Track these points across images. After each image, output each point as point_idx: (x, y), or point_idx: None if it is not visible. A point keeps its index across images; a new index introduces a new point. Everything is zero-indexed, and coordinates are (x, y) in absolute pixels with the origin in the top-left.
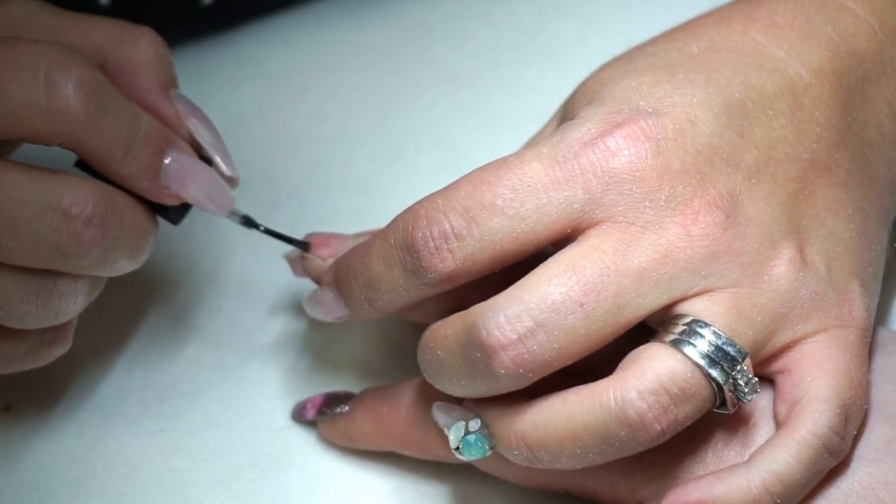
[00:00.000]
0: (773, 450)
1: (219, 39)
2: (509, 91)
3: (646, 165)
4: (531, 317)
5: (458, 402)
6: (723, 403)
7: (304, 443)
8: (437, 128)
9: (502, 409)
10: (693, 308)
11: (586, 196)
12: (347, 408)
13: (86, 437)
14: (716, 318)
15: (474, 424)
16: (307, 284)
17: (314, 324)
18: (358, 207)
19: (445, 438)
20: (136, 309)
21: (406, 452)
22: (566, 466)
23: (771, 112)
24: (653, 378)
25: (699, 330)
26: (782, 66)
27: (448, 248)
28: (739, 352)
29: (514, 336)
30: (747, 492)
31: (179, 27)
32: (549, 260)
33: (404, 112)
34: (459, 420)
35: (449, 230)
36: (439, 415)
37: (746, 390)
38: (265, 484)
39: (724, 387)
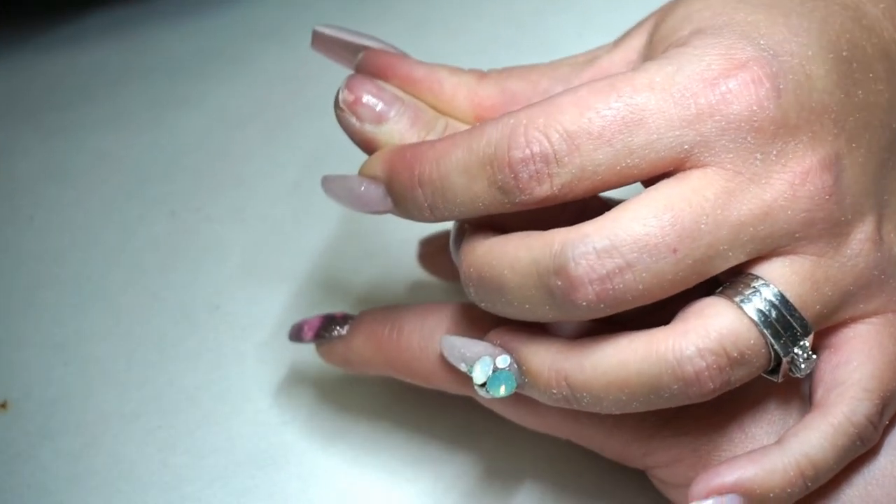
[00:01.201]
0: (807, 433)
1: (217, 36)
2: None
3: (765, 116)
4: (622, 254)
5: (476, 334)
6: (773, 371)
7: (301, 439)
8: None
9: (543, 347)
10: (771, 272)
11: (698, 138)
12: (345, 330)
13: (83, 434)
14: (790, 286)
15: (503, 361)
16: (306, 285)
17: None
18: None
19: (451, 369)
20: (133, 307)
21: (405, 379)
22: (603, 410)
23: (871, 75)
24: (716, 338)
25: (771, 297)
26: (878, 27)
27: (547, 173)
28: (805, 326)
29: (603, 272)
30: (782, 475)
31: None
32: (645, 195)
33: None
34: (485, 356)
35: (550, 155)
36: (457, 349)
37: (803, 366)
38: (263, 481)
39: (784, 358)
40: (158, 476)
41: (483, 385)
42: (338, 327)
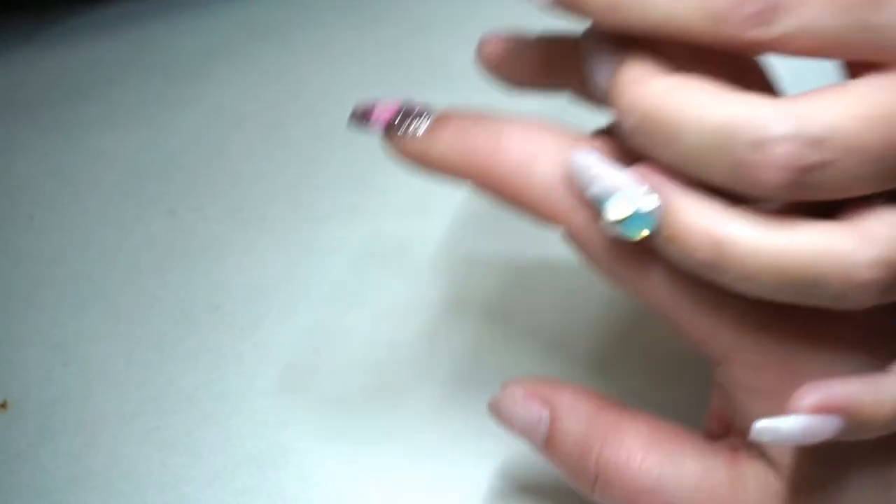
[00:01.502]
0: None
1: (215, 37)
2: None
3: None
4: (828, 150)
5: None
6: None
7: (301, 439)
8: None
9: (704, 204)
10: None
11: None
12: (425, 127)
13: (82, 434)
14: None
15: (651, 202)
16: (303, 285)
17: (312, 322)
18: (354, 204)
19: (560, 193)
20: (132, 307)
21: (490, 194)
22: (742, 290)
23: None
24: None
25: None
26: None
27: (768, 18)
28: None
29: (806, 162)
30: (890, 407)
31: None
32: (864, 92)
33: None
34: (628, 190)
35: (781, 0)
36: (590, 171)
37: None
38: (262, 481)
39: None
40: (157, 476)
41: (618, 222)
42: (416, 122)
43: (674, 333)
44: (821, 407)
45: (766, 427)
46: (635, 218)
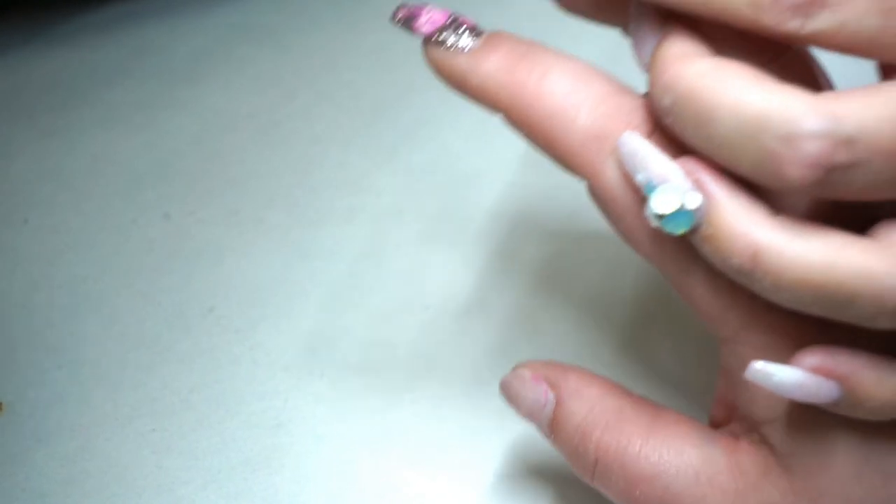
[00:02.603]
0: None
1: (211, 39)
2: None
3: None
4: (858, 150)
5: (663, 149)
6: None
7: (296, 442)
8: (430, 127)
9: (746, 208)
10: None
11: None
12: (475, 44)
13: (78, 437)
14: None
15: (694, 201)
16: (299, 287)
17: (308, 324)
18: (350, 207)
19: (594, 149)
20: (128, 309)
21: (522, 131)
22: (774, 298)
23: None
24: None
25: None
26: None
27: (807, 12)
28: None
29: (835, 161)
30: (889, 393)
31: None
32: (892, 96)
33: (397, 111)
34: (674, 184)
35: None
36: (640, 155)
37: None
38: (257, 483)
39: None
40: (153, 478)
41: (661, 216)
42: (464, 36)
43: (685, 303)
44: (821, 369)
45: (762, 370)
46: (679, 214)
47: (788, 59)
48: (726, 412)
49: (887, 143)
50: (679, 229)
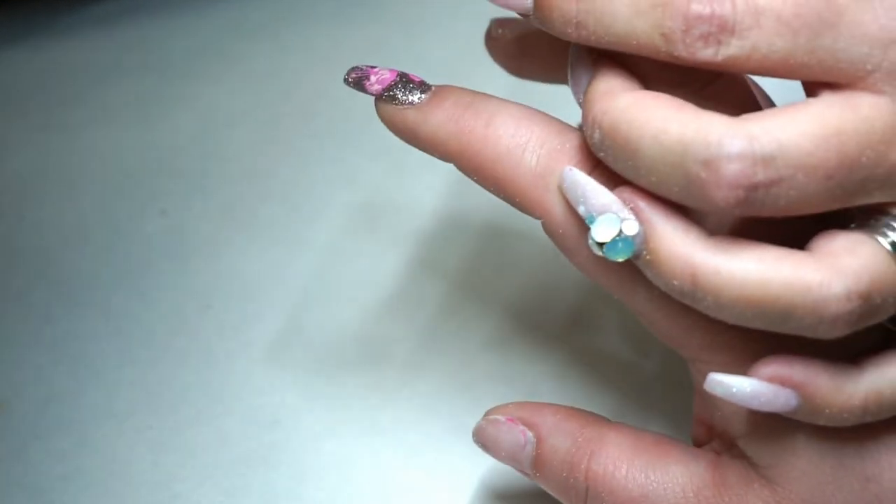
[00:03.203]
0: (888, 368)
1: (207, 36)
2: (498, 88)
3: None
4: (778, 167)
5: (604, 182)
6: (894, 321)
7: (293, 438)
8: None
9: (680, 233)
10: None
11: (885, 64)
12: (422, 99)
13: (74, 433)
14: None
15: (631, 228)
16: (295, 284)
17: (304, 321)
18: (347, 203)
19: (540, 188)
20: (124, 306)
21: (473, 177)
22: (719, 317)
23: None
24: (867, 283)
25: None
26: None
27: (718, 39)
28: None
29: (755, 180)
30: (847, 398)
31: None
32: (814, 110)
33: None
34: (612, 214)
35: (730, 22)
36: (581, 188)
37: None
38: (253, 480)
39: None
40: (149, 475)
41: (601, 244)
42: (413, 93)
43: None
44: (777, 378)
45: (720, 381)
46: (618, 241)
47: (721, 85)
48: (706, 430)
49: (807, 158)
50: (620, 256)
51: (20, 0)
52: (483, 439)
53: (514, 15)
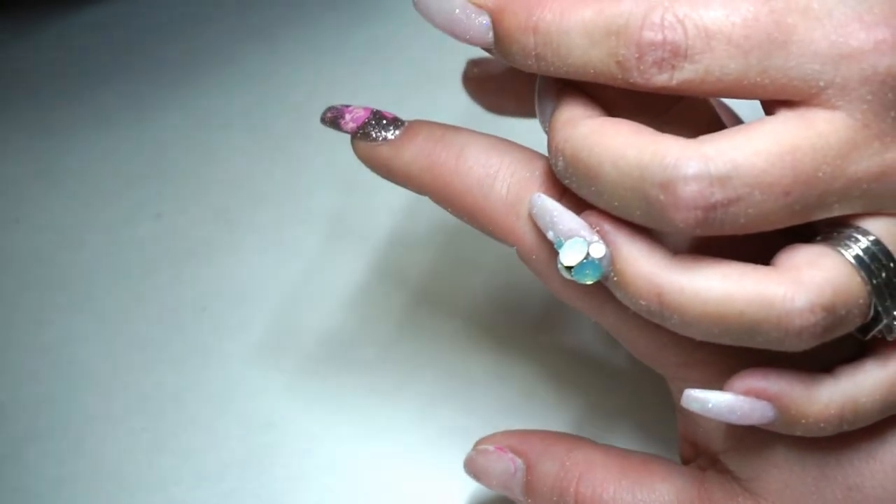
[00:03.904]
0: (862, 376)
1: (202, 39)
2: None
3: None
4: (735, 187)
5: (572, 207)
6: (861, 330)
7: (288, 441)
8: None
9: (645, 254)
10: (877, 228)
11: (838, 80)
12: (395, 135)
13: (69, 436)
14: None
15: (598, 251)
16: (291, 287)
17: (300, 323)
18: (341, 206)
19: (510, 217)
20: (119, 309)
21: (447, 209)
22: (688, 334)
23: None
24: (830, 295)
25: (881, 256)
26: None
27: (672, 64)
28: None
29: (712, 200)
30: (823, 408)
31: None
32: (769, 128)
33: (389, 110)
34: (580, 238)
35: (682, 48)
36: (549, 214)
37: None
38: (249, 482)
39: (884, 321)
40: (144, 477)
41: (569, 268)
42: (387, 129)
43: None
44: (752, 390)
45: (696, 397)
46: (585, 265)
47: (685, 106)
48: (692, 448)
49: (763, 176)
50: (588, 279)
51: (14, 2)
52: (474, 469)
53: (485, 53)
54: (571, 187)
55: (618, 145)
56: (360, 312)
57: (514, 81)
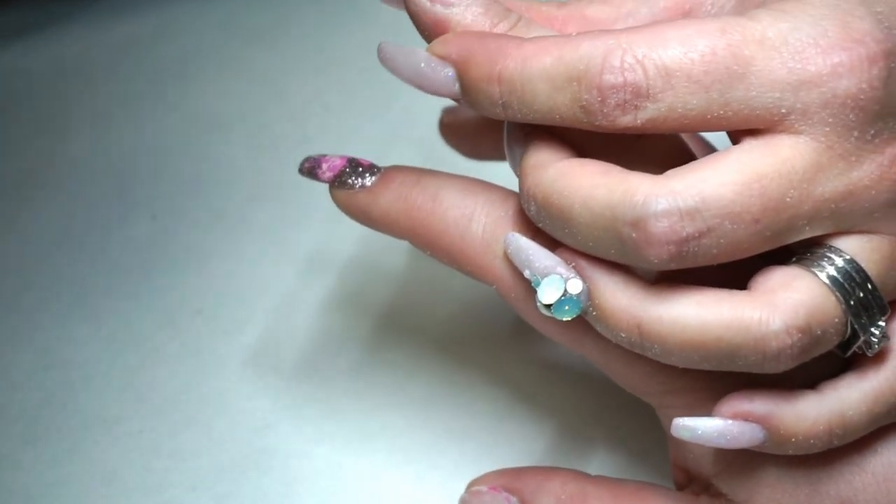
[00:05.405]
0: (847, 391)
1: (199, 39)
2: None
3: (872, 96)
4: (704, 219)
5: (547, 243)
6: (841, 347)
7: (284, 443)
8: (418, 128)
9: (621, 287)
10: (850, 246)
11: (798, 105)
12: (371, 182)
13: (65, 439)
14: (871, 264)
15: (575, 287)
16: (287, 289)
17: (296, 326)
18: (338, 209)
19: (486, 257)
20: (115, 311)
21: (426, 252)
22: (669, 363)
23: None
24: (805, 316)
25: (855, 274)
26: None
27: (635, 105)
28: (883, 306)
29: (683, 234)
30: (811, 425)
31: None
32: (735, 158)
33: (385, 112)
34: (556, 275)
35: (643, 88)
36: (524, 253)
37: (877, 345)
38: (245, 485)
39: (861, 338)
40: (141, 480)
41: (548, 305)
42: (363, 177)
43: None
44: (740, 414)
45: (685, 424)
46: (564, 301)
47: (652, 138)
48: (684, 473)
49: (731, 206)
50: (567, 315)
51: (10, 2)
52: None
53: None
54: (546, 230)
55: (587, 186)
56: (356, 316)
57: (487, 127)
